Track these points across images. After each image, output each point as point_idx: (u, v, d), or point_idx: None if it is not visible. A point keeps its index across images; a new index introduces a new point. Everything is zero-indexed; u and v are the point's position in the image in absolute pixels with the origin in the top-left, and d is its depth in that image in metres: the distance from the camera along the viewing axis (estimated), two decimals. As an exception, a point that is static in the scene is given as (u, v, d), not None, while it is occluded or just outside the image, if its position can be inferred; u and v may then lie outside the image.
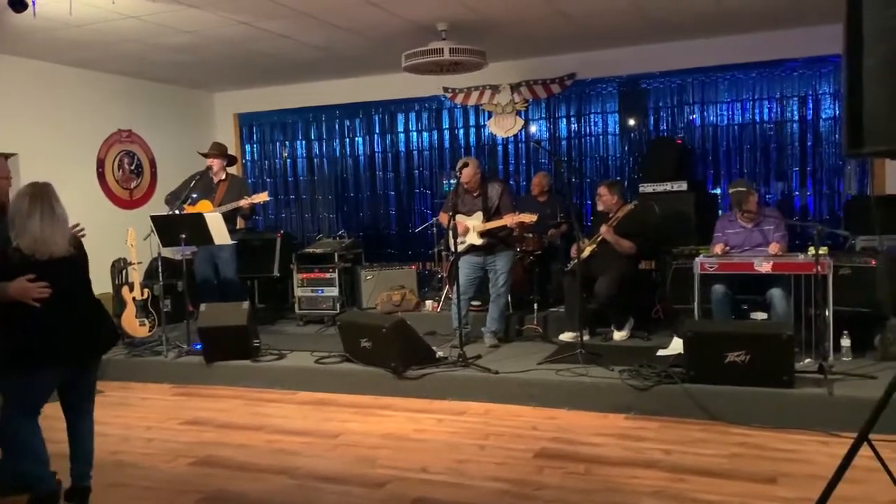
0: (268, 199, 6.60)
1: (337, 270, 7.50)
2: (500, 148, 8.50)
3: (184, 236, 5.96)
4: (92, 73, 7.88)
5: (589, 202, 7.99)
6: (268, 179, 9.50)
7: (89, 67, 7.74)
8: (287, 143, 9.47)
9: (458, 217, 5.98)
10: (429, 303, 7.39)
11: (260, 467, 3.97)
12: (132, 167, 8.40)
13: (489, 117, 8.44)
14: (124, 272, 7.02)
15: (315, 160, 9.36)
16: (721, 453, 3.89)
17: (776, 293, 5.10)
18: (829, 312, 4.77)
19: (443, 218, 6.21)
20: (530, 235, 6.71)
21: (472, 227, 5.96)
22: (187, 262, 6.30)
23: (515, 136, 8.40)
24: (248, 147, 9.66)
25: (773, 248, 5.20)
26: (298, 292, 7.62)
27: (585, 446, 4.09)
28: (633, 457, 3.89)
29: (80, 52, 6.99)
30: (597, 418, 4.58)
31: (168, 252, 6.62)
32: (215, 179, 6.63)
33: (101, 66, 7.69)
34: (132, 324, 6.38)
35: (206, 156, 6.69)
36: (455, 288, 5.95)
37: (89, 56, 7.20)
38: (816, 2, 5.97)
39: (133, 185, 8.41)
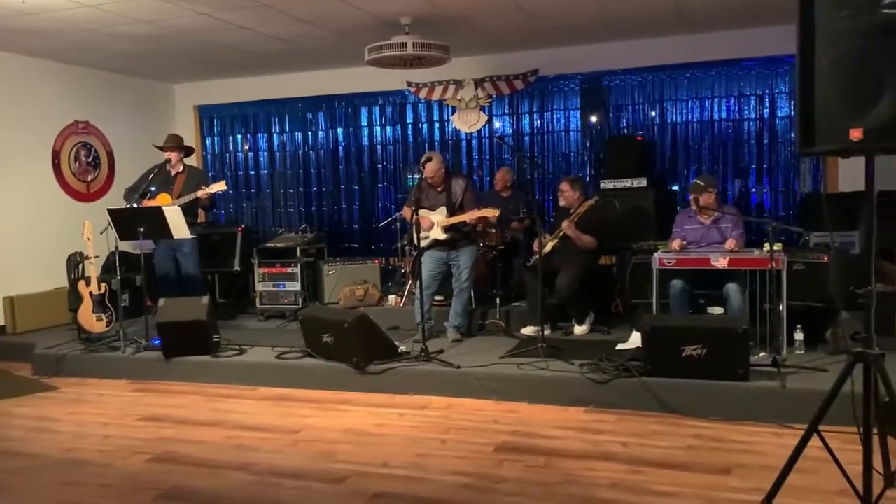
0: (225, 187, 6.52)
1: (299, 265, 7.44)
2: (463, 143, 8.52)
3: (142, 230, 5.87)
4: (47, 63, 7.71)
5: (551, 198, 8.05)
6: (228, 173, 9.38)
7: (44, 57, 7.57)
8: (248, 135, 9.38)
9: (422, 212, 5.99)
10: (392, 298, 7.37)
11: (218, 463, 3.93)
12: (89, 159, 8.25)
13: (453, 112, 8.45)
14: (81, 266, 6.89)
15: (277, 153, 9.28)
16: (677, 445, 3.96)
17: (732, 288, 5.20)
18: (782, 307, 4.88)
19: (406, 213, 6.21)
20: (493, 231, 6.74)
21: (435, 222, 5.97)
22: (146, 256, 6.19)
23: (479, 131, 8.42)
24: (208, 140, 9.54)
25: (730, 244, 5.30)
26: (259, 287, 7.55)
27: (545, 439, 4.12)
28: (591, 449, 3.94)
29: (34, 41, 6.83)
30: (557, 412, 4.62)
31: (126, 246, 6.50)
32: (173, 172, 6.53)
33: (56, 55, 7.53)
34: (89, 319, 6.26)
35: (162, 149, 6.58)
36: (418, 283, 5.95)
37: (44, 45, 7.04)
38: (773, 2, 6.09)
39: (90, 177, 8.25)
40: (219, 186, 6.39)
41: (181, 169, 6.57)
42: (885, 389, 2.87)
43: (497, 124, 8.37)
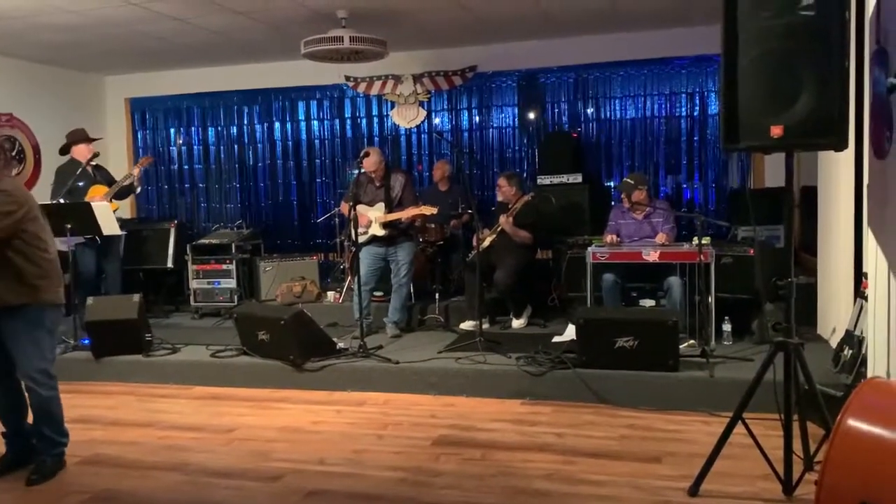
0: (152, 160, 6.58)
1: (234, 261, 7.32)
2: (402, 138, 8.50)
3: (69, 226, 5.69)
4: (-34, 52, 7.39)
5: (489, 194, 8.11)
6: (161, 168, 9.16)
7: (-37, 46, 7.25)
8: (182, 129, 9.15)
9: (360, 208, 5.97)
10: (330, 294, 7.31)
11: (150, 464, 3.84)
12: (13, 153, 7.93)
13: (392, 107, 8.42)
14: (4, 264, 6.62)
15: (212, 148, 9.08)
16: (610, 435, 4.04)
17: (674, 281, 5.30)
18: (711, 299, 5.02)
19: (344, 208, 6.17)
20: (432, 226, 6.76)
21: (374, 219, 5.95)
22: (72, 252, 6.01)
23: (418, 126, 8.41)
24: (140, 133, 9.28)
25: (661, 237, 5.43)
26: (194, 284, 7.39)
27: (482, 432, 4.16)
28: (527, 441, 3.99)
29: (-49, 29, 6.54)
30: (494, 404, 4.67)
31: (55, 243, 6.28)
32: (89, 167, 6.43)
33: (-24, 44, 7.22)
34: (13, 318, 6.03)
35: (72, 144, 6.48)
36: (356, 279, 5.92)
37: (-37, 34, 6.74)
38: (702, 3, 6.24)
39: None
40: (146, 160, 6.60)
41: (95, 163, 6.53)
42: (803, 377, 2.99)
43: (436, 120, 8.38)
